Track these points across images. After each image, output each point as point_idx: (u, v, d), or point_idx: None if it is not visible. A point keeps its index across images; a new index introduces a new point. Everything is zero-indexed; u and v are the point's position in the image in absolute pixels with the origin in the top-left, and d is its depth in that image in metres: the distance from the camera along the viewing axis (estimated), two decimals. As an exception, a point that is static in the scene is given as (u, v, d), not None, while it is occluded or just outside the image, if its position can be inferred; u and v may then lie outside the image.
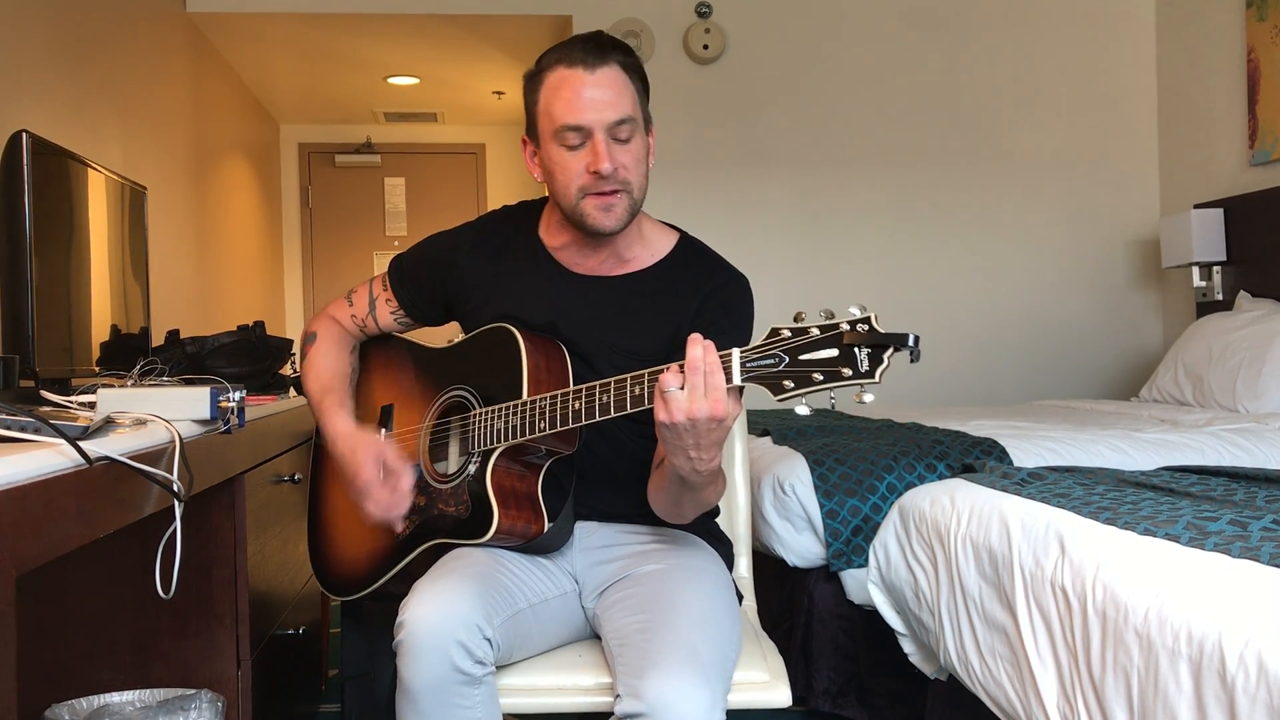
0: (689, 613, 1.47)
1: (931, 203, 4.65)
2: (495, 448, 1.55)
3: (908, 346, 1.17)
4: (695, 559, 1.63)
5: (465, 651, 1.41)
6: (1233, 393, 3.40)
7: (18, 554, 0.92)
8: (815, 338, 1.20)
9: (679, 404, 1.27)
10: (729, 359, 1.26)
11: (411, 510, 1.67)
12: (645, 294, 1.67)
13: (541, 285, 1.70)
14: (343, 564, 1.80)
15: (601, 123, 1.54)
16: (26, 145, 1.70)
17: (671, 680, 1.33)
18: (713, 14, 4.56)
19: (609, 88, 1.55)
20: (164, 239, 3.78)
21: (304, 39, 4.96)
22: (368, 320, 1.84)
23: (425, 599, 1.44)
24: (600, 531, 1.69)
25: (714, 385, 1.26)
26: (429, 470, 1.67)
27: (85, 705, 1.64)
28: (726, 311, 1.64)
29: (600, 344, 1.65)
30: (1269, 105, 3.92)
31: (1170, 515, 1.65)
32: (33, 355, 1.68)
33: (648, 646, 1.40)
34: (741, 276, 1.70)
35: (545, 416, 1.47)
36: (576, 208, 1.59)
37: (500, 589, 1.52)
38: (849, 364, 1.18)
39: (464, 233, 1.80)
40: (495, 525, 1.53)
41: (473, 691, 1.43)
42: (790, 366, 1.21)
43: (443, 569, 1.54)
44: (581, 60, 1.55)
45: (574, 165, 1.57)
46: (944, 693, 2.17)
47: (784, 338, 1.22)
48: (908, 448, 2.65)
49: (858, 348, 1.18)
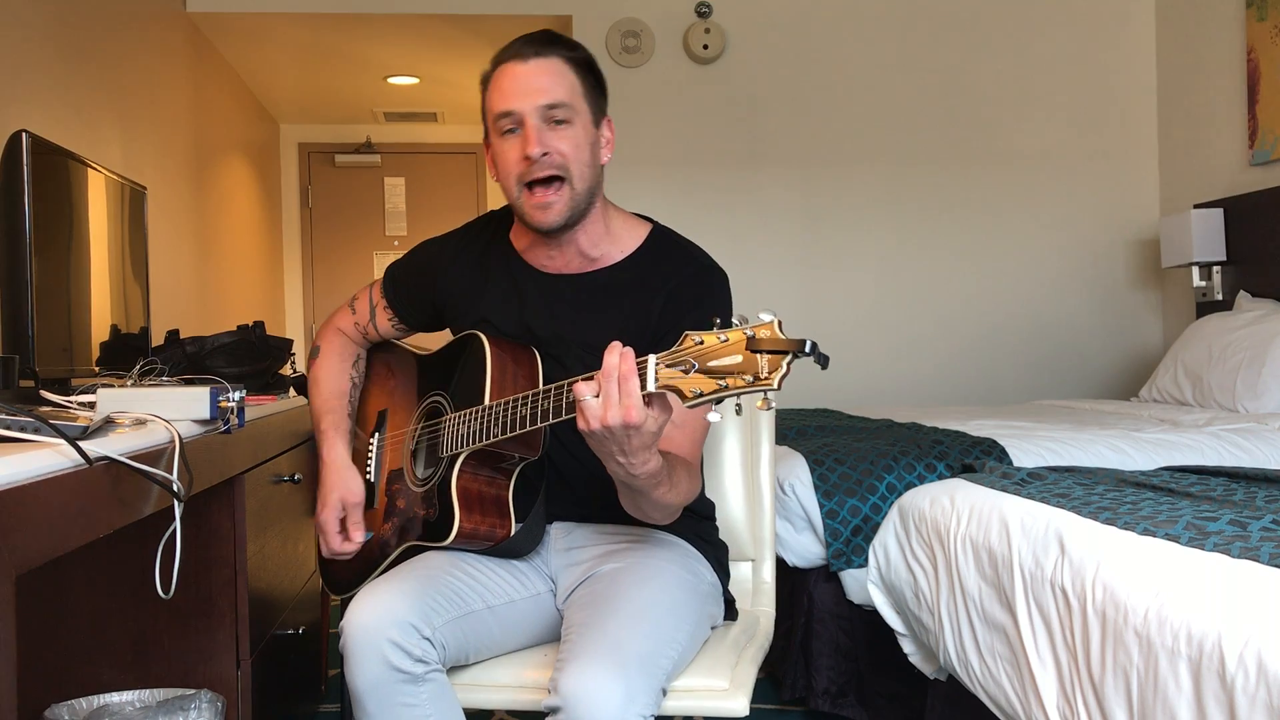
0: (625, 608, 1.46)
1: (931, 203, 4.65)
2: (460, 452, 1.57)
3: (805, 354, 1.13)
4: (656, 558, 1.60)
5: (400, 650, 1.44)
6: (1232, 393, 3.40)
7: (18, 554, 0.92)
8: (720, 344, 1.18)
9: (593, 411, 1.26)
10: (645, 365, 1.24)
11: (394, 512, 1.70)
12: (613, 290, 1.65)
13: (512, 289, 1.70)
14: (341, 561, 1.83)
15: (532, 107, 1.55)
16: (26, 145, 1.70)
17: (585, 673, 1.33)
18: (713, 14, 4.56)
19: (543, 75, 1.56)
20: (164, 239, 3.78)
21: (304, 39, 4.96)
22: (369, 328, 1.86)
23: (362, 602, 1.49)
24: (576, 532, 1.69)
25: (627, 392, 1.23)
26: (409, 474, 1.70)
27: (85, 705, 1.64)
28: (698, 306, 1.60)
29: (570, 344, 1.65)
30: (1269, 105, 3.92)
31: (1170, 515, 1.66)
32: (33, 355, 1.68)
33: (576, 641, 1.41)
34: (715, 267, 1.67)
35: (499, 422, 1.48)
36: (518, 202, 1.60)
37: (446, 590, 1.54)
38: (751, 370, 1.15)
39: (449, 240, 1.81)
40: (456, 529, 1.54)
41: (417, 690, 1.46)
42: (698, 373, 1.19)
43: (390, 573, 1.59)
44: (518, 53, 1.57)
45: (510, 154, 1.57)
46: (944, 693, 2.17)
47: (694, 345, 1.20)
48: (907, 448, 2.65)
49: (760, 354, 1.15)
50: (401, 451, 1.74)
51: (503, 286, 1.71)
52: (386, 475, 1.75)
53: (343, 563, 1.81)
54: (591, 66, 1.62)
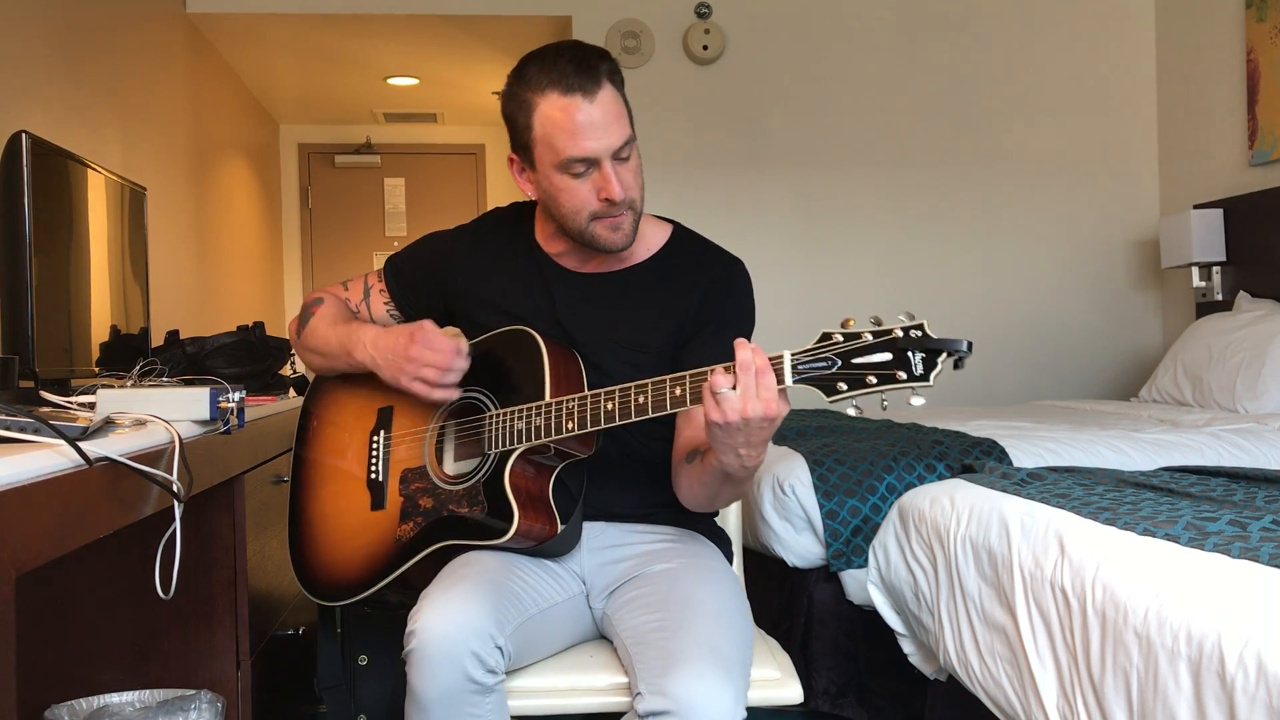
0: (706, 610, 1.47)
1: (931, 203, 4.65)
2: (515, 449, 1.54)
3: (960, 352, 1.23)
4: (705, 558, 1.64)
5: (478, 661, 1.40)
6: (1232, 393, 3.40)
7: (18, 554, 0.92)
8: (869, 342, 1.26)
9: (732, 404, 1.30)
10: (780, 361, 1.30)
11: (417, 511, 1.65)
12: (646, 287, 1.68)
13: (543, 285, 1.70)
14: (333, 567, 1.76)
15: (608, 151, 1.55)
16: (26, 145, 1.70)
17: (697, 678, 1.34)
18: (713, 14, 4.56)
19: (607, 112, 1.55)
20: (164, 239, 3.78)
21: (304, 39, 4.96)
22: (361, 307, 1.84)
23: (438, 608, 1.43)
24: (608, 531, 1.69)
25: (765, 385, 1.29)
26: (437, 472, 1.66)
27: (85, 705, 1.64)
28: (730, 297, 1.68)
29: (606, 340, 1.66)
30: (1269, 105, 3.92)
31: (1170, 515, 1.66)
32: (32, 355, 1.68)
33: (669, 645, 1.41)
34: (738, 262, 1.73)
35: (573, 417, 1.48)
36: (586, 230, 1.60)
37: (511, 596, 1.52)
38: (904, 368, 1.25)
39: (460, 234, 1.80)
40: (515, 527, 1.52)
41: (484, 700, 1.43)
42: (843, 369, 1.27)
43: (453, 576, 1.52)
44: (579, 87, 1.52)
45: (582, 192, 1.57)
46: (944, 693, 2.17)
47: (836, 342, 1.28)
48: (907, 448, 2.65)
49: (912, 352, 1.24)
50: (421, 449, 1.70)
51: (529, 284, 1.71)
52: (399, 474, 1.70)
53: (335, 566, 1.75)
54: (621, 75, 1.62)
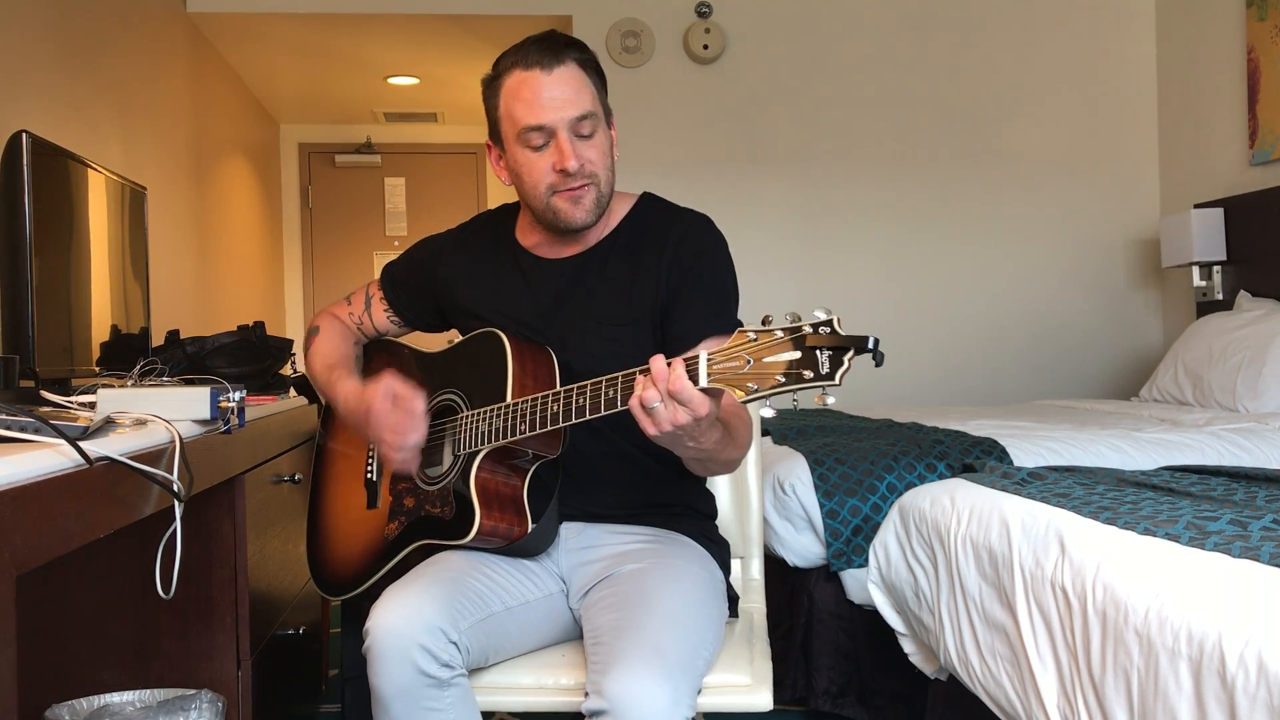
0: (660, 610, 1.47)
1: (931, 202, 4.65)
2: (479, 450, 1.56)
3: (868, 350, 1.17)
4: (677, 558, 1.62)
5: (429, 655, 1.43)
6: (1233, 392, 3.40)
7: (18, 554, 0.92)
8: (778, 340, 1.21)
9: (664, 416, 1.29)
10: (696, 362, 1.27)
11: (401, 511, 1.68)
12: (615, 259, 1.68)
13: (520, 281, 1.72)
14: (336, 563, 1.81)
15: (564, 120, 1.56)
16: (26, 145, 1.70)
17: (631, 676, 1.34)
18: (713, 14, 4.56)
19: (568, 85, 1.56)
20: (164, 239, 3.78)
21: (304, 39, 4.96)
22: (364, 319, 1.87)
23: (389, 605, 1.46)
24: (587, 531, 1.69)
25: (686, 396, 1.27)
26: (419, 473, 1.68)
27: (85, 705, 1.64)
28: (703, 252, 1.66)
29: (585, 320, 1.66)
30: (1269, 105, 3.92)
31: (1170, 515, 1.65)
32: (33, 355, 1.68)
33: (615, 644, 1.41)
34: (705, 219, 1.71)
35: (525, 419, 1.49)
36: (547, 206, 1.61)
37: (470, 593, 1.53)
38: (810, 366, 1.18)
39: (448, 237, 1.83)
40: (477, 527, 1.54)
41: (442, 694, 1.45)
42: (754, 369, 1.22)
43: (412, 574, 1.56)
44: (538, 61, 1.56)
45: (540, 165, 1.59)
46: (944, 693, 2.17)
47: (749, 340, 1.23)
48: (908, 447, 2.65)
49: (819, 350, 1.18)
50: None
51: (510, 280, 1.73)
52: (390, 474, 1.74)
53: (337, 562, 1.79)
54: (599, 68, 1.64)
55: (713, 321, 1.62)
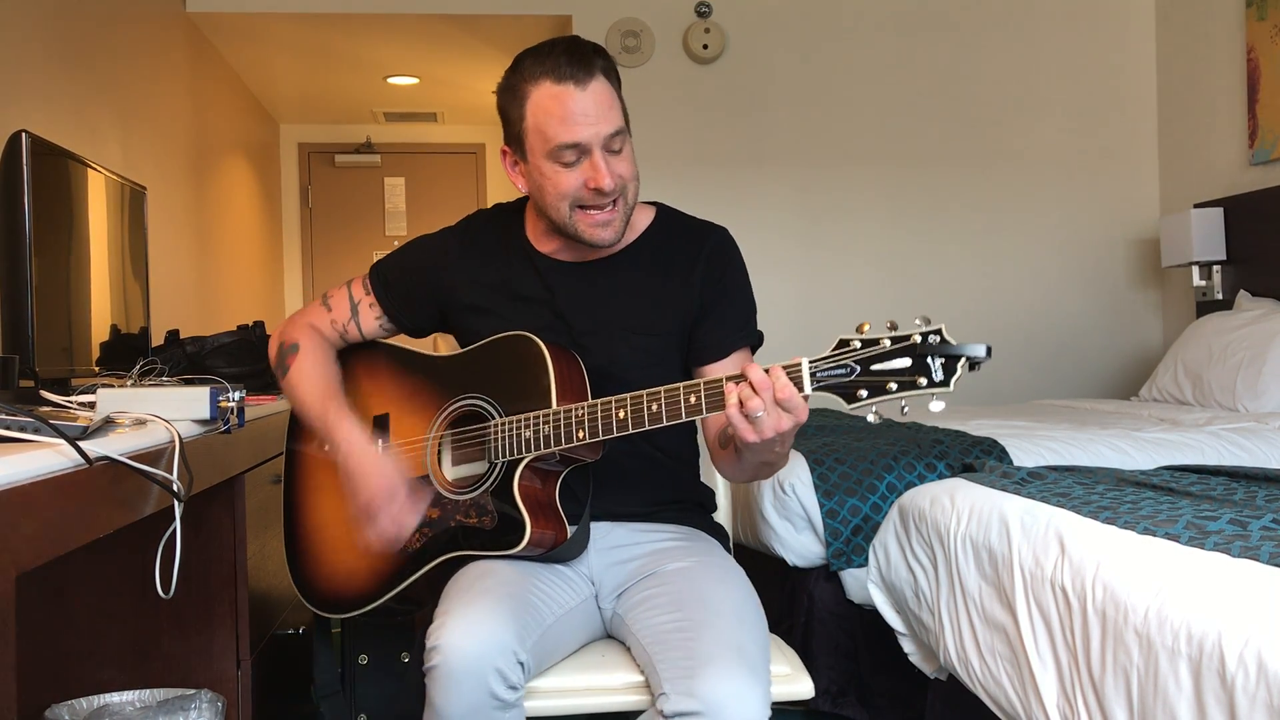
0: (725, 610, 1.47)
1: (931, 202, 4.65)
2: (523, 457, 1.53)
3: (980, 358, 1.24)
4: (716, 555, 1.64)
5: (501, 678, 1.39)
6: (1233, 392, 3.40)
7: (18, 554, 0.92)
8: (888, 349, 1.27)
9: (766, 424, 1.32)
10: (798, 369, 1.31)
11: (424, 523, 1.63)
12: (643, 270, 1.68)
13: (541, 282, 1.69)
14: (336, 580, 1.74)
15: (599, 138, 1.55)
16: (26, 145, 1.70)
17: (726, 679, 1.34)
18: (713, 14, 4.55)
19: (601, 102, 1.55)
20: (164, 239, 3.78)
21: (304, 39, 4.96)
22: (349, 326, 1.79)
23: (461, 624, 1.40)
24: (615, 531, 1.67)
25: (794, 404, 1.31)
26: (442, 481, 1.64)
27: (85, 705, 1.64)
28: (730, 267, 1.70)
29: (614, 328, 1.65)
30: (1269, 105, 3.92)
31: (1170, 515, 1.66)
32: (33, 355, 1.68)
33: (693, 645, 1.40)
34: (726, 233, 1.75)
35: (584, 425, 1.47)
36: (569, 221, 1.60)
37: (531, 608, 1.50)
38: (924, 373, 1.25)
39: (448, 238, 1.77)
40: (528, 536, 1.51)
41: (504, 716, 1.42)
42: (862, 376, 1.27)
43: (473, 591, 1.48)
44: (571, 76, 1.54)
45: (571, 181, 1.57)
46: (944, 692, 2.17)
47: (854, 349, 1.28)
48: (908, 447, 2.65)
49: (931, 358, 1.24)
50: (424, 457, 1.67)
51: (527, 283, 1.70)
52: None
53: (338, 578, 1.73)
54: (618, 73, 1.63)
55: (742, 333, 1.67)
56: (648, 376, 1.55)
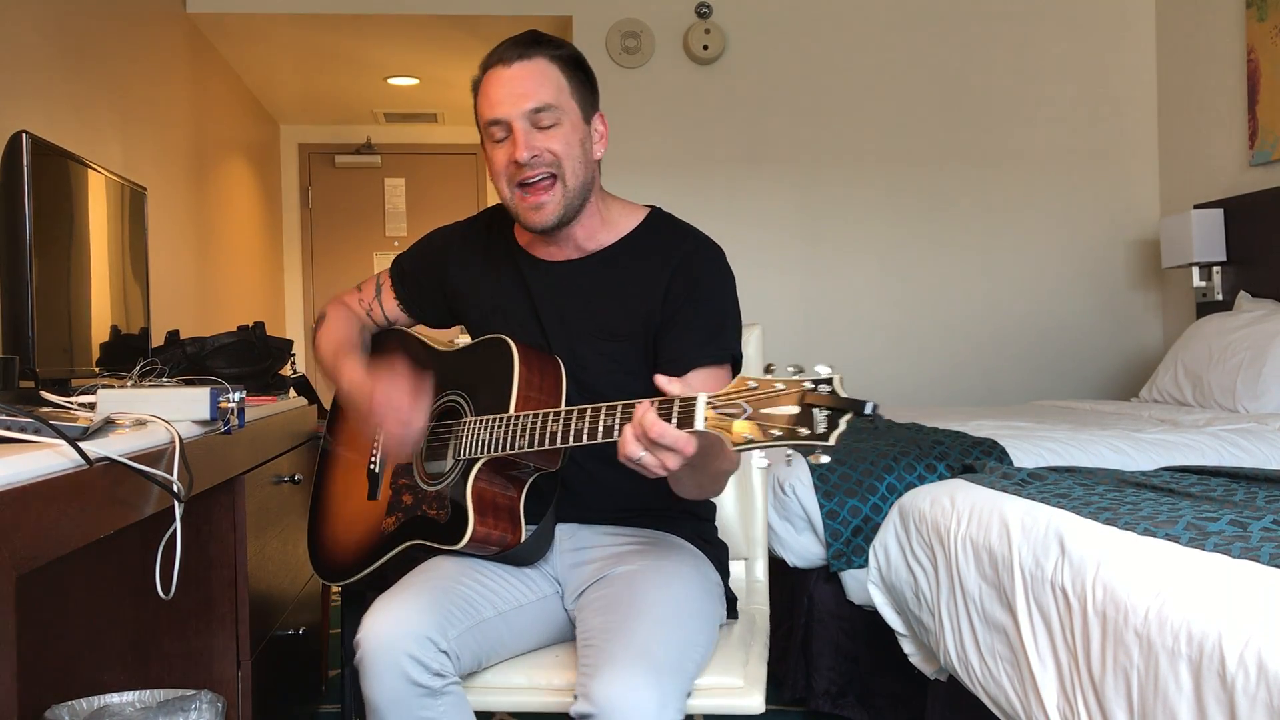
0: (651, 613, 1.47)
1: (931, 203, 4.65)
2: (479, 458, 1.55)
3: (865, 415, 1.14)
4: (670, 560, 1.61)
5: (419, 665, 1.43)
6: (1233, 393, 3.40)
7: (18, 554, 0.92)
8: (778, 392, 1.18)
9: (650, 464, 1.28)
10: (693, 404, 1.24)
11: (399, 507, 1.68)
12: (616, 271, 1.66)
13: (519, 279, 1.71)
14: (333, 548, 1.81)
15: (519, 112, 1.56)
16: (26, 145, 1.70)
17: (618, 680, 1.34)
18: (713, 14, 4.55)
19: (527, 78, 1.57)
20: (164, 239, 3.78)
21: (304, 39, 4.96)
22: (374, 306, 1.86)
23: (378, 615, 1.47)
24: (580, 533, 1.69)
25: (669, 440, 1.25)
26: (419, 470, 1.68)
27: (85, 705, 1.64)
28: (704, 276, 1.62)
29: (580, 329, 1.65)
30: (1269, 105, 3.92)
31: (1170, 515, 1.65)
32: (33, 356, 1.68)
33: (604, 647, 1.41)
34: (713, 245, 1.68)
35: (526, 434, 1.48)
36: (512, 205, 1.62)
37: (460, 600, 1.53)
38: (806, 424, 1.15)
39: (456, 231, 1.82)
40: (469, 534, 1.53)
41: (435, 703, 1.45)
42: (752, 418, 1.19)
43: (402, 582, 1.57)
44: (502, 58, 1.59)
45: (500, 157, 1.59)
46: (944, 693, 2.17)
47: (749, 388, 1.20)
48: (908, 448, 2.65)
49: (817, 409, 1.15)
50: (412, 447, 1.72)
51: (508, 279, 1.72)
52: (393, 467, 1.73)
53: (339, 549, 1.79)
54: (579, 63, 1.63)
55: (706, 348, 1.59)
56: (612, 383, 1.57)
